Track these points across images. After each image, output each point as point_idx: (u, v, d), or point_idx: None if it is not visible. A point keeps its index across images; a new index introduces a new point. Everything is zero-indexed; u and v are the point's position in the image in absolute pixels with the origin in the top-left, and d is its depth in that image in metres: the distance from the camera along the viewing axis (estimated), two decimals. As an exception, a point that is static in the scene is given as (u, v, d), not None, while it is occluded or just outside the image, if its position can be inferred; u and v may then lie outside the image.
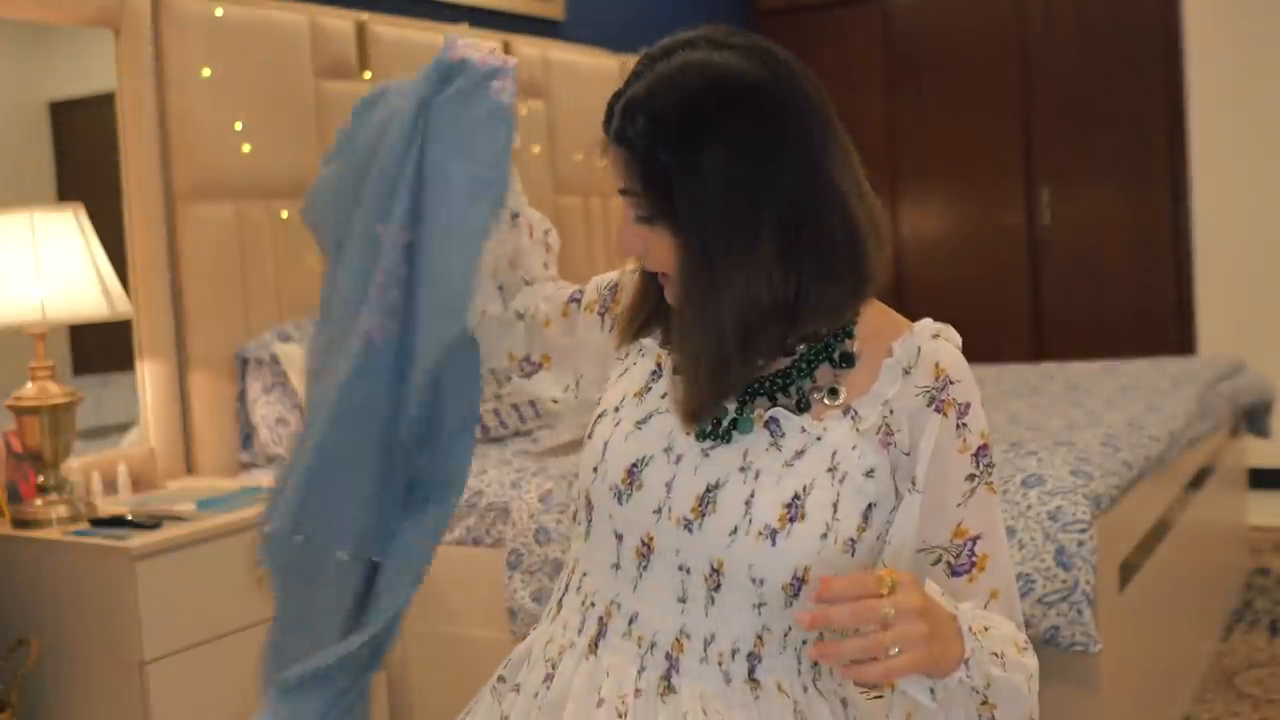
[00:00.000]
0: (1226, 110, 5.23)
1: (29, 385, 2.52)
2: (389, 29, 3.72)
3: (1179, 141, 5.29)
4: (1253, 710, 3.11)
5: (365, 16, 3.65)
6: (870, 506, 1.17)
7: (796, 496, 1.15)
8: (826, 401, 1.19)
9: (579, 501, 1.27)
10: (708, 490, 1.17)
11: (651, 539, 1.19)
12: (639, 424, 1.22)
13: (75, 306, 2.52)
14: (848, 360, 1.20)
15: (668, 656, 1.19)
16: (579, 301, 1.42)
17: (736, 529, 1.15)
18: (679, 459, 1.19)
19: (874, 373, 1.20)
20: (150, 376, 3.03)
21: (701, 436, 1.20)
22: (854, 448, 1.17)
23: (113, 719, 2.40)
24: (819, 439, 1.17)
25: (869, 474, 1.17)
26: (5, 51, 2.93)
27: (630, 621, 1.20)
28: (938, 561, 1.18)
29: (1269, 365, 4.56)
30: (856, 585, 1.00)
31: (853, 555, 1.16)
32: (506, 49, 4.12)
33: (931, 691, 1.06)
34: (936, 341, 1.20)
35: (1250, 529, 4.45)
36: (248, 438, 3.21)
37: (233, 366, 3.19)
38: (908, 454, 1.17)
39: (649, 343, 1.30)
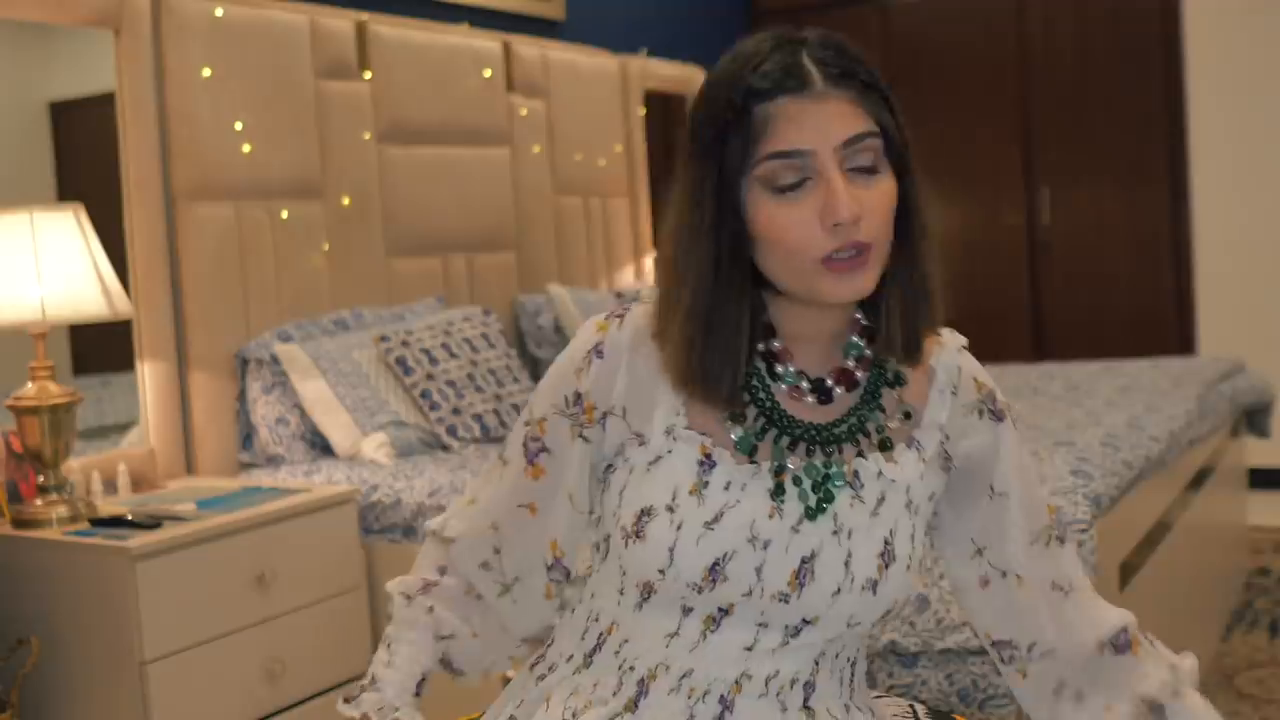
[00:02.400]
0: (1226, 110, 5.22)
1: (29, 385, 2.52)
2: (389, 29, 3.72)
3: (1179, 141, 5.28)
4: (1253, 710, 3.11)
5: (365, 16, 3.65)
6: (927, 525, 1.23)
7: (886, 543, 1.17)
8: (901, 423, 1.21)
9: (626, 579, 1.19)
10: (803, 562, 1.15)
11: (731, 607, 1.15)
12: (709, 524, 1.14)
13: (75, 306, 2.52)
14: (900, 379, 1.21)
15: (721, 700, 1.17)
16: (542, 446, 1.25)
17: (839, 589, 1.15)
18: (767, 544, 1.14)
19: (922, 393, 1.22)
20: (150, 376, 3.03)
21: (808, 515, 1.16)
22: (921, 477, 1.20)
23: (113, 719, 2.40)
24: (894, 480, 1.18)
25: (931, 498, 1.22)
26: (5, 51, 2.94)
27: (683, 677, 1.17)
28: (1049, 542, 1.24)
29: (1269, 365, 4.56)
30: None
31: (918, 573, 1.22)
32: (506, 49, 4.12)
33: None
34: (964, 355, 1.25)
35: (1250, 529, 4.45)
36: (248, 438, 3.21)
37: (233, 366, 3.19)
38: (960, 467, 1.23)
39: (681, 428, 1.18)
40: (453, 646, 1.33)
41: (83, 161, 3.14)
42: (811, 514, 1.15)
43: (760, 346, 1.18)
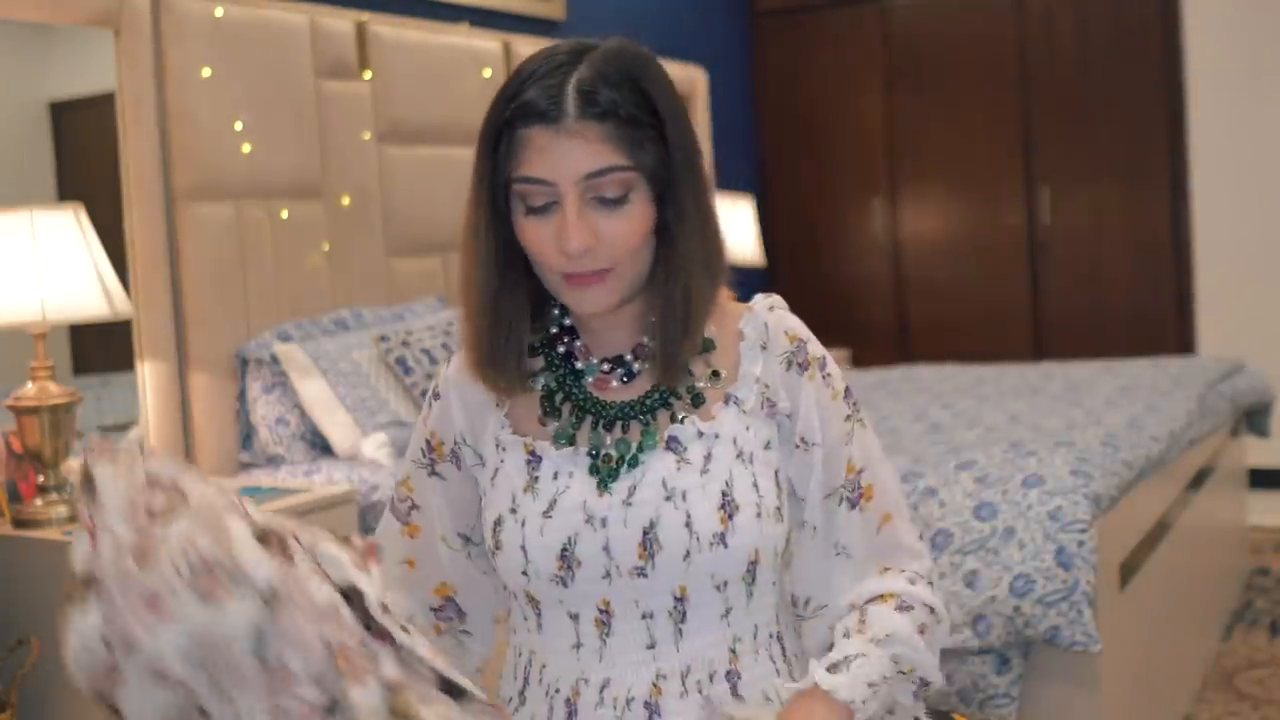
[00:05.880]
0: (1226, 110, 5.22)
1: (29, 385, 2.52)
2: (389, 29, 3.72)
3: (1179, 141, 5.29)
4: (1253, 710, 3.11)
5: (365, 16, 3.65)
6: (776, 472, 1.25)
7: (724, 494, 1.20)
8: (710, 383, 1.26)
9: (518, 601, 1.27)
10: (645, 533, 1.19)
11: (608, 603, 1.21)
12: (545, 514, 1.22)
13: (75, 306, 2.52)
14: (710, 345, 1.28)
15: (646, 705, 1.20)
16: (411, 504, 1.34)
17: (689, 551, 1.19)
18: (604, 521, 1.21)
19: (733, 354, 1.28)
20: (150, 376, 3.03)
21: (611, 477, 1.22)
22: (747, 428, 1.25)
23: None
24: (717, 436, 1.24)
25: (767, 446, 1.25)
26: (5, 51, 2.94)
27: (602, 689, 1.21)
28: (840, 501, 1.27)
29: (1269, 365, 4.56)
30: None
31: (783, 520, 1.24)
32: (506, 49, 4.12)
33: None
34: (776, 313, 1.29)
35: (1250, 529, 4.45)
36: (248, 438, 3.21)
37: (233, 366, 3.19)
38: (789, 416, 1.26)
39: (505, 435, 1.27)
40: None
41: (83, 161, 3.14)
42: (604, 484, 1.22)
43: (562, 348, 1.28)
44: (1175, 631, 3.14)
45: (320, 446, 3.23)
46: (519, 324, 1.25)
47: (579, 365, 1.28)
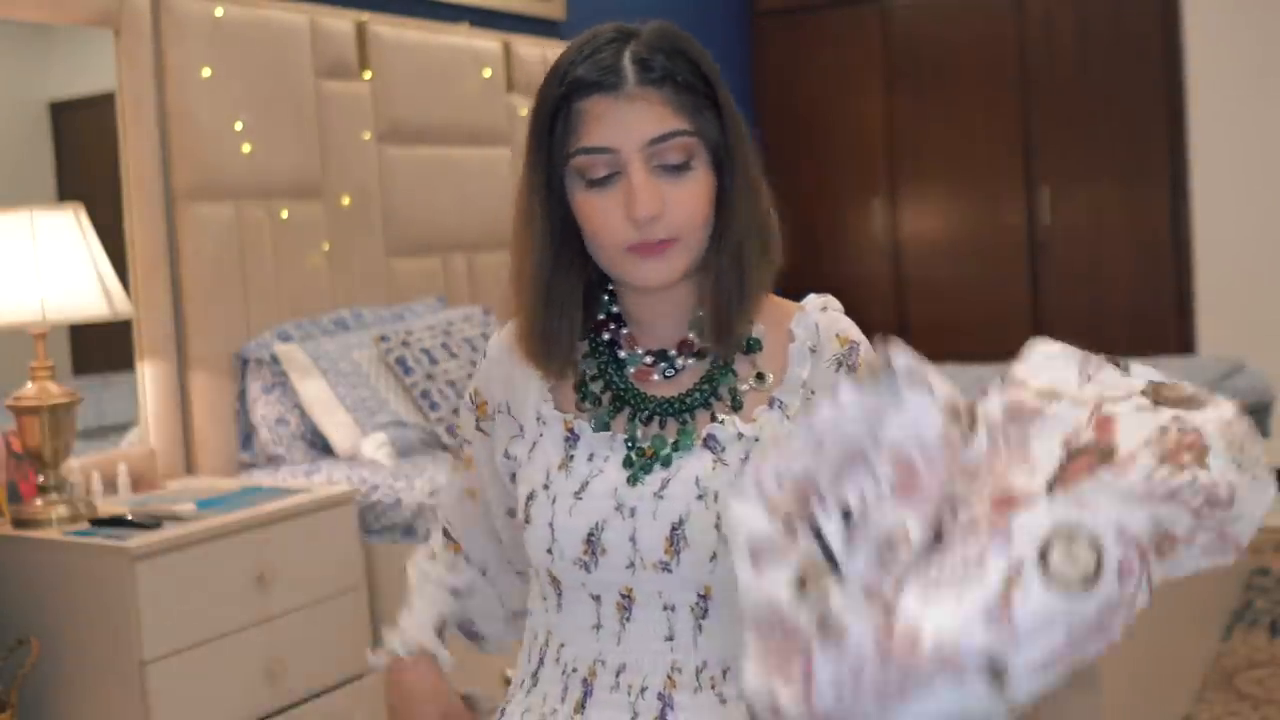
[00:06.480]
0: (1226, 110, 5.22)
1: (29, 385, 2.52)
2: (389, 29, 3.72)
3: (1179, 141, 5.28)
4: (1253, 710, 3.11)
5: (365, 16, 3.65)
6: None
7: None
8: (754, 385, 1.23)
9: (540, 579, 1.26)
10: (674, 529, 1.17)
11: (630, 590, 1.19)
12: (577, 495, 1.21)
13: (75, 306, 2.52)
14: (755, 345, 1.25)
15: (660, 696, 1.19)
16: (462, 439, 1.39)
17: (716, 554, 1.16)
18: (633, 512, 1.19)
19: (780, 356, 1.24)
20: (150, 376, 3.03)
21: (644, 470, 1.20)
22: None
23: (113, 719, 2.40)
24: (757, 439, 1.20)
25: None
26: (5, 51, 2.94)
27: (618, 674, 1.20)
28: None
29: (1269, 365, 4.55)
30: None
31: None
32: (506, 49, 4.12)
33: None
34: (828, 314, 1.26)
35: (1250, 529, 4.45)
36: (248, 438, 3.21)
37: (233, 366, 3.19)
38: None
39: (547, 410, 1.26)
40: (470, 605, 1.39)
41: (83, 161, 3.14)
42: (635, 477, 1.20)
43: (607, 336, 1.26)
44: (1175, 631, 3.14)
45: (320, 446, 3.23)
46: (572, 307, 1.23)
47: (622, 354, 1.26)
